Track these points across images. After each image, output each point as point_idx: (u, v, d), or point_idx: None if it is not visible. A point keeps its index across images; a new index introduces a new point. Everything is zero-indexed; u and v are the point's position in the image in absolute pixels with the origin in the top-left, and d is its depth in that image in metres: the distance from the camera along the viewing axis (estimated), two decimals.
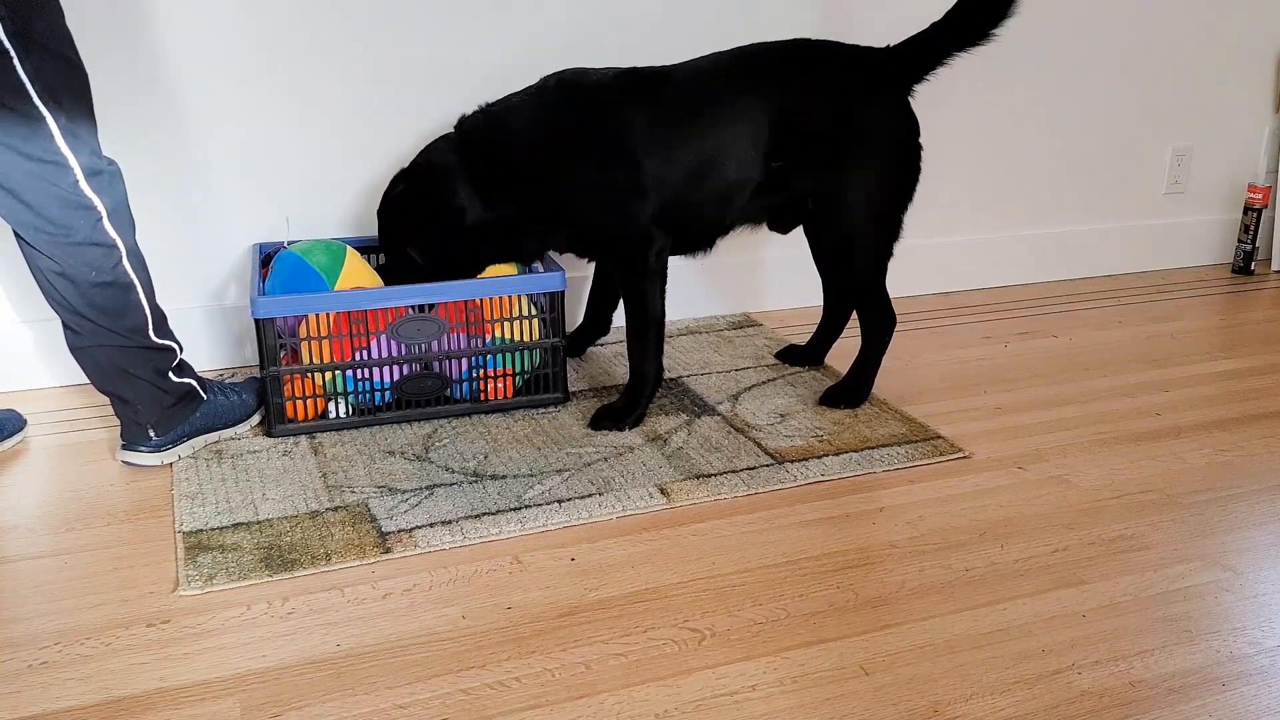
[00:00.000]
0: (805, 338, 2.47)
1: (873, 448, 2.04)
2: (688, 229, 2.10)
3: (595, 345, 2.54)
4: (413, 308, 2.06)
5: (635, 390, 2.12)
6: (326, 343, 2.05)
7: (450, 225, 2.09)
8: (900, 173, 2.11)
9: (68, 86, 1.70)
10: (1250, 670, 1.43)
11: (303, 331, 2.05)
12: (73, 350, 1.87)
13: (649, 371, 2.11)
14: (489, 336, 2.14)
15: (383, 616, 1.54)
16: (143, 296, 1.86)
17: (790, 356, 2.46)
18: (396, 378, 2.11)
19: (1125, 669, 1.43)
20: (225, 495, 1.86)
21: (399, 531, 1.75)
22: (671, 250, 2.10)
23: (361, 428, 2.12)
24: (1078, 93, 2.94)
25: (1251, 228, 3.16)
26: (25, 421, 2.11)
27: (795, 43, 2.12)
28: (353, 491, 1.87)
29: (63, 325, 1.85)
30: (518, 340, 2.15)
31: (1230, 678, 1.42)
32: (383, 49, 2.35)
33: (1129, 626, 1.52)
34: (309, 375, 2.08)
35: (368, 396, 2.11)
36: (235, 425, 2.08)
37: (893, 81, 2.09)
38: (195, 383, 2.00)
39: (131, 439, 1.96)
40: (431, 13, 2.35)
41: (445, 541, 1.72)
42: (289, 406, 2.08)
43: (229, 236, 2.37)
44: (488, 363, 2.16)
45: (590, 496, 1.86)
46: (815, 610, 1.56)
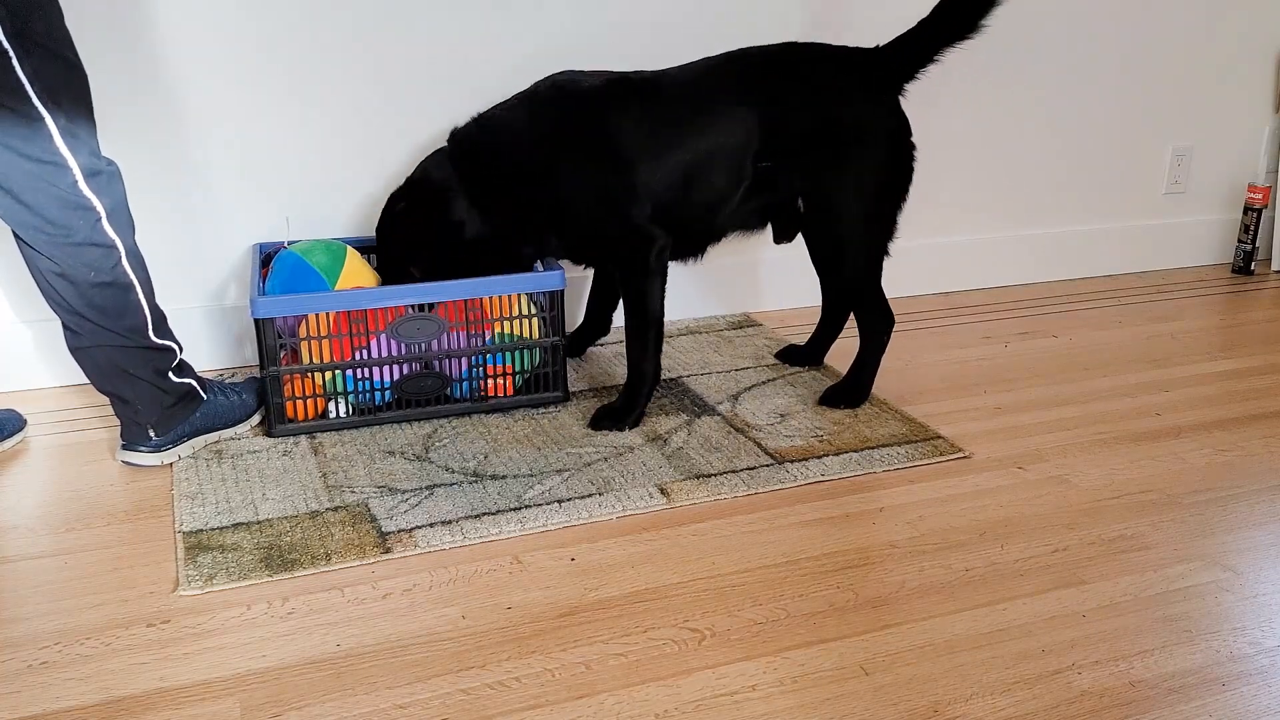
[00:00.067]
0: (805, 338, 2.47)
1: (873, 448, 2.04)
2: (681, 232, 2.10)
3: (595, 345, 2.54)
4: (412, 307, 2.07)
5: (634, 389, 2.12)
6: (326, 342, 2.05)
7: (451, 240, 2.09)
8: (892, 173, 2.10)
9: (67, 87, 1.70)
10: (1250, 670, 1.43)
11: (303, 331, 2.05)
12: (72, 351, 1.87)
13: (648, 371, 2.11)
14: (490, 335, 2.14)
15: (383, 616, 1.54)
16: (142, 297, 1.86)
17: (790, 356, 2.46)
18: (396, 377, 2.11)
19: (1125, 669, 1.43)
20: (225, 495, 1.86)
21: (399, 531, 1.75)
22: None
23: (361, 427, 2.12)
24: (1078, 93, 2.94)
25: (1251, 228, 3.16)
26: (25, 421, 2.11)
27: (785, 46, 2.12)
28: (353, 491, 1.87)
29: (62, 326, 1.85)
30: (518, 338, 2.15)
31: (1230, 678, 1.42)
32: (383, 49, 2.35)
33: (1129, 626, 1.52)
34: (309, 375, 2.08)
35: (368, 396, 2.11)
36: (235, 425, 2.08)
37: (882, 82, 2.08)
38: (195, 383, 2.00)
39: (131, 439, 1.96)
40: (431, 13, 2.35)
41: (445, 541, 1.72)
42: (289, 406, 2.08)
43: (229, 236, 2.37)
44: (491, 360, 2.16)
45: (590, 496, 1.86)
46: (815, 610, 1.56)
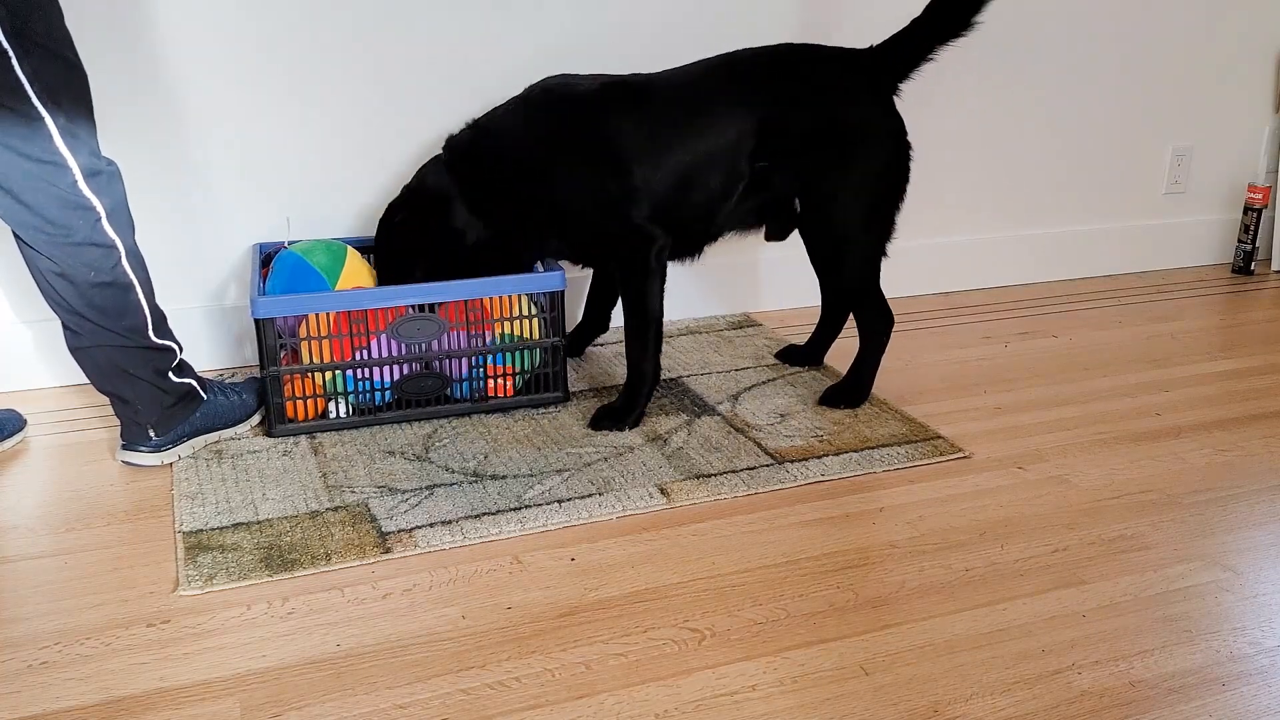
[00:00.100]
0: (805, 338, 2.47)
1: (873, 448, 2.04)
2: (680, 232, 2.10)
3: (595, 345, 2.54)
4: (413, 307, 2.06)
5: (634, 389, 2.12)
6: (326, 343, 2.05)
7: (452, 248, 2.09)
8: (888, 173, 2.10)
9: (67, 87, 1.70)
10: (1250, 670, 1.43)
11: (303, 331, 2.05)
12: (72, 351, 1.87)
13: (647, 370, 2.11)
14: (491, 335, 2.14)
15: (383, 616, 1.54)
16: (142, 297, 1.86)
17: (790, 356, 2.46)
18: (397, 377, 2.11)
19: (1125, 669, 1.43)
20: (225, 495, 1.86)
21: (399, 531, 1.75)
22: None
23: (361, 428, 2.12)
24: (1078, 93, 2.94)
25: (1251, 228, 3.16)
26: (25, 421, 2.11)
27: (782, 46, 2.12)
28: (353, 491, 1.87)
29: (62, 325, 1.85)
30: (518, 338, 2.15)
31: (1230, 678, 1.42)
32: (383, 49, 2.35)
33: (1129, 626, 1.52)
34: (309, 375, 2.08)
35: (368, 396, 2.11)
36: (235, 425, 2.08)
37: (877, 82, 2.08)
38: (195, 383, 2.00)
39: (131, 439, 1.96)
40: (431, 13, 2.35)
41: (445, 541, 1.72)
42: (289, 406, 2.08)
43: (229, 236, 2.37)
44: (490, 360, 2.16)
45: (590, 496, 1.86)
46: (815, 610, 1.56)
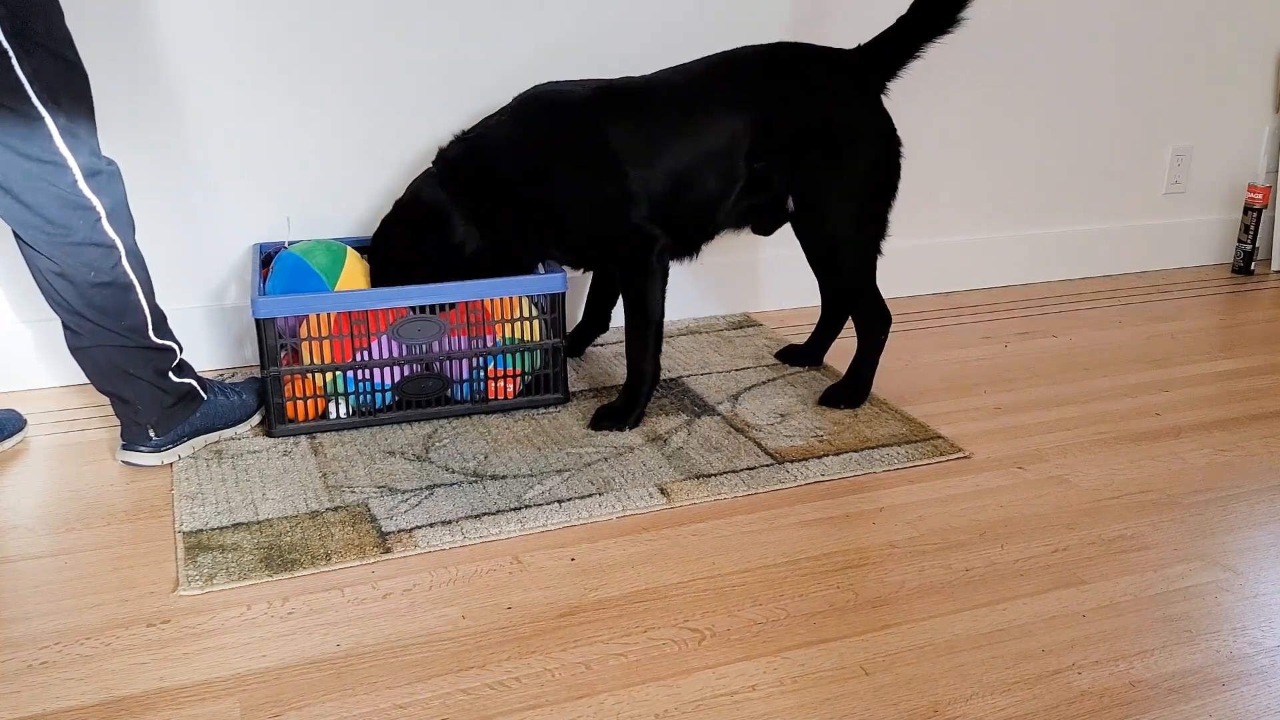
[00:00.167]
0: (805, 337, 2.47)
1: (873, 448, 2.04)
2: (679, 232, 2.09)
3: (595, 345, 2.54)
4: (413, 308, 2.06)
5: (634, 389, 2.12)
6: (327, 343, 2.05)
7: (451, 260, 2.09)
8: (877, 172, 2.10)
9: (67, 87, 1.70)
10: (1250, 670, 1.43)
11: (303, 332, 2.05)
12: (72, 350, 1.87)
13: (648, 371, 2.11)
14: (493, 338, 2.14)
15: (383, 616, 1.54)
16: (142, 297, 1.86)
17: (789, 356, 2.46)
18: (397, 378, 2.11)
19: (1125, 669, 1.43)
20: (225, 495, 1.86)
21: (399, 531, 1.75)
22: None
23: (362, 428, 2.12)
24: (1078, 93, 2.94)
25: (1251, 228, 3.16)
26: (25, 421, 2.11)
27: (774, 46, 2.12)
28: (353, 491, 1.87)
29: (62, 325, 1.85)
30: (519, 341, 2.15)
31: (1230, 678, 1.42)
32: (383, 49, 2.35)
33: (1129, 626, 1.52)
34: (309, 375, 2.08)
35: (368, 397, 2.11)
36: (235, 425, 2.08)
37: (864, 81, 2.08)
38: (195, 383, 2.00)
39: (131, 439, 1.96)
40: (431, 13, 2.35)
41: (445, 541, 1.72)
42: (289, 407, 2.08)
43: (229, 236, 2.37)
44: (493, 362, 2.15)
45: (590, 496, 1.86)
46: (815, 610, 1.56)
